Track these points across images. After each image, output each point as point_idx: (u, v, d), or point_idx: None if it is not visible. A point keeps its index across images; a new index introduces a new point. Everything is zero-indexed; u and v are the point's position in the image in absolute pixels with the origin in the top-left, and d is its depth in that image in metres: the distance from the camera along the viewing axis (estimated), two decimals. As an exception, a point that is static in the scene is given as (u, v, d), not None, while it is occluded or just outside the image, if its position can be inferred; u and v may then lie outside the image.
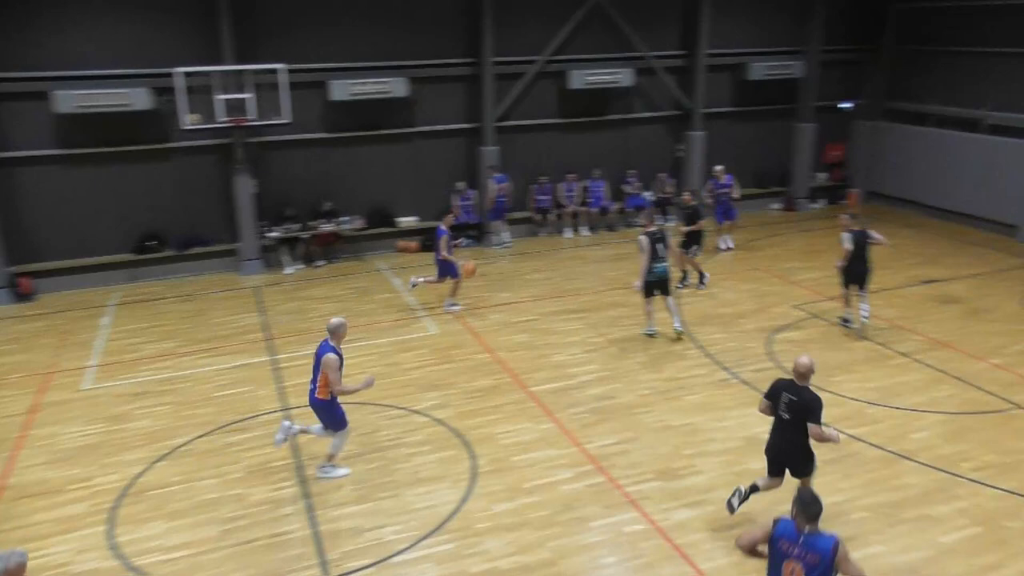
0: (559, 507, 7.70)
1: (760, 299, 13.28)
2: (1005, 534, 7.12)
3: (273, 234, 15.49)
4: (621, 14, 17.04)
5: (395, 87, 15.47)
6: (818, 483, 7.94)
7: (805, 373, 6.87)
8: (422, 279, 13.22)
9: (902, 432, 8.94)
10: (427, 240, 16.68)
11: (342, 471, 8.37)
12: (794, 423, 6.91)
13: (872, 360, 10.86)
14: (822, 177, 20.10)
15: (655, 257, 11.44)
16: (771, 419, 7.20)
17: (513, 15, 16.40)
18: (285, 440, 8.36)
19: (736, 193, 16.24)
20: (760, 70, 18.21)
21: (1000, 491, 7.78)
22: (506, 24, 16.30)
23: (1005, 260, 15.12)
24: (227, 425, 9.47)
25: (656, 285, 11.59)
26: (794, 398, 6.89)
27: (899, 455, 8.46)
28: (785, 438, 7.11)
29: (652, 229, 11.61)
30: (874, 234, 11.52)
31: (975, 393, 9.83)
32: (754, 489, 7.35)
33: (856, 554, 6.86)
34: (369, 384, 8.14)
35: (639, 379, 10.44)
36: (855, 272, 11.55)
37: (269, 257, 15.63)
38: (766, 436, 8.86)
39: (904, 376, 10.34)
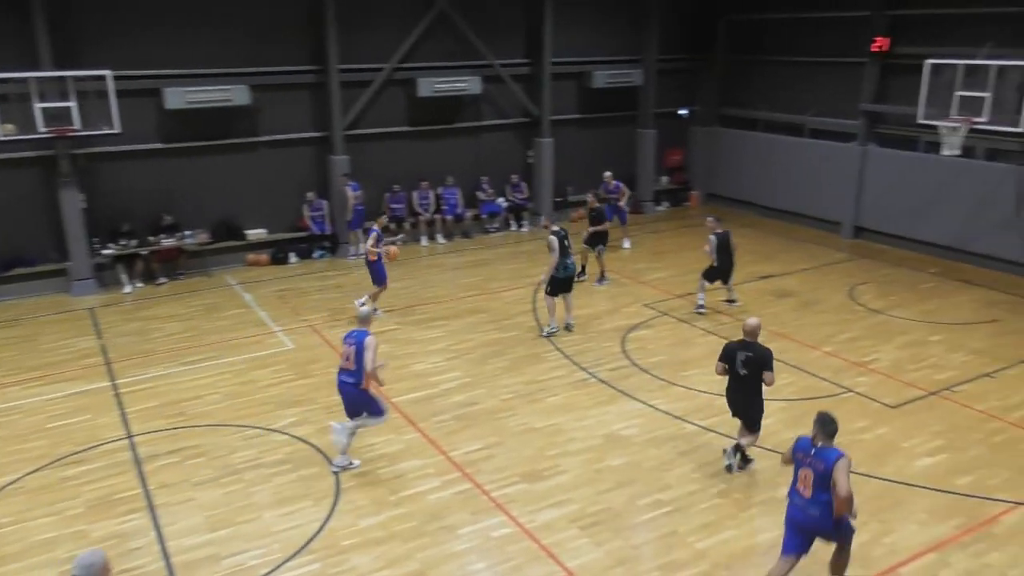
0: (427, 517, 7.62)
1: (613, 300, 13.72)
2: (842, 508, 7.67)
3: (108, 251, 14.47)
4: (467, 22, 17.17)
5: (236, 95, 14.86)
6: (674, 474, 8.30)
7: (754, 331, 7.99)
8: (365, 297, 12.94)
9: (748, 420, 9.46)
10: (279, 252, 16.14)
11: (356, 462, 8.49)
12: (751, 377, 7.85)
13: (716, 353, 11.38)
14: (664, 181, 21.07)
15: (565, 254, 11.88)
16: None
17: (358, 22, 16.18)
18: (347, 442, 8.41)
19: (623, 200, 16.90)
20: (602, 78, 18.86)
21: (836, 468, 8.37)
22: (351, 31, 16.06)
23: (831, 255, 16.38)
24: (63, 458, 8.74)
25: (565, 282, 12.04)
26: (750, 354, 7.88)
27: (746, 441, 8.94)
28: (742, 394, 8.06)
29: (556, 228, 12.06)
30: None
31: (811, 380, 10.56)
32: (738, 448, 8.24)
33: (711, 540, 7.23)
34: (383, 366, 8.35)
35: (501, 384, 10.52)
36: (722, 269, 12.66)
37: (104, 276, 14.59)
38: (624, 433, 9.19)
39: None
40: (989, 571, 6.79)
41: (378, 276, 12.78)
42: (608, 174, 17.13)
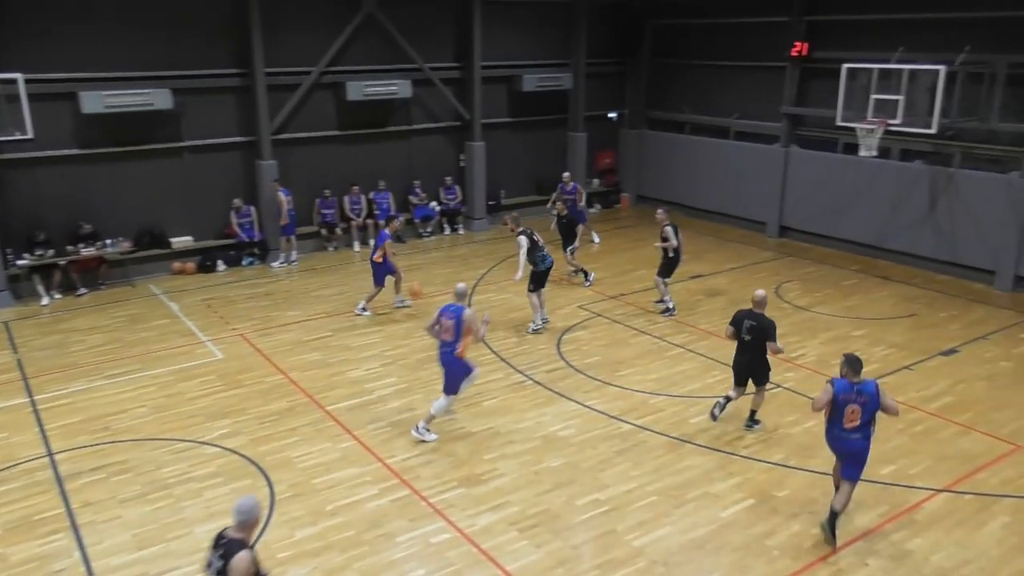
0: (365, 525, 7.52)
1: (548, 302, 13.74)
2: (775, 503, 7.88)
3: (23, 262, 13.86)
4: (395, 25, 17.05)
5: (158, 99, 14.43)
6: (610, 473, 8.39)
7: (762, 302, 8.96)
8: (362, 303, 13.23)
9: (682, 418, 9.63)
10: (206, 260, 15.72)
11: (433, 436, 9.03)
12: (754, 343, 8.80)
13: (652, 353, 11.63)
14: (596, 183, 21.30)
15: (539, 249, 12.25)
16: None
17: (283, 24, 15.90)
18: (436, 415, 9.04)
19: (581, 200, 17.11)
20: (532, 82, 18.97)
21: (768, 464, 8.60)
22: (277, 33, 15.78)
23: (758, 254, 16.81)
24: (-23, 480, 8.33)
25: (546, 275, 12.34)
26: (754, 323, 8.87)
27: (681, 440, 9.10)
28: (747, 356, 9.03)
29: (523, 228, 12.36)
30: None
31: (741, 375, 10.80)
32: (728, 399, 9.30)
33: (648, 537, 7.33)
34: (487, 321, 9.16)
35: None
36: (678, 261, 12.83)
37: (19, 288, 13.98)
38: (562, 434, 9.25)
39: (681, 366, 11.16)
40: (913, 556, 7.04)
41: (379, 277, 13.07)
42: (567, 175, 17.40)
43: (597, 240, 17.68)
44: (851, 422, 7.07)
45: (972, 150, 14.75)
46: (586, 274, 14.71)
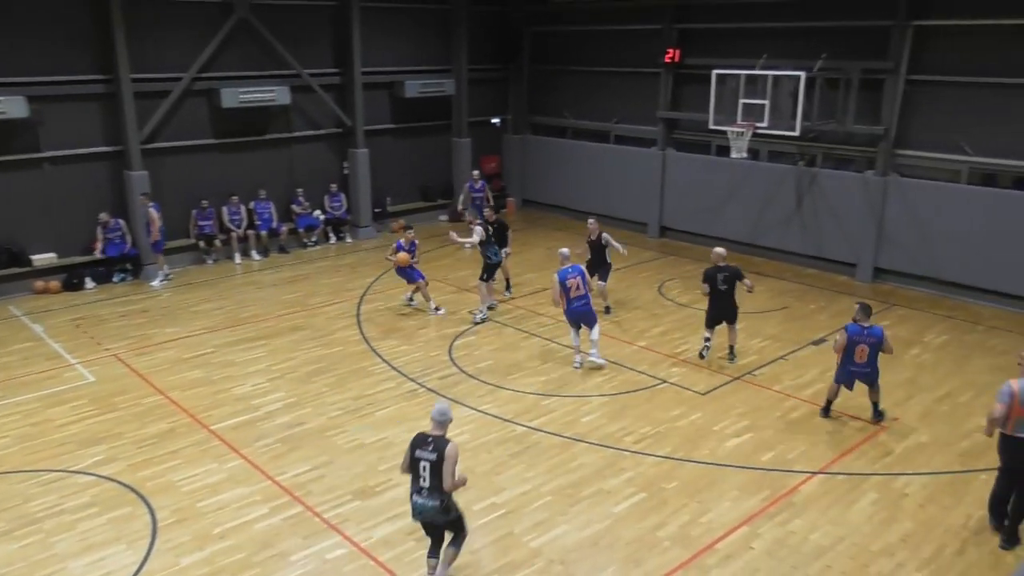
0: (256, 547, 7.27)
1: (443, 306, 13.73)
2: (665, 495, 8.12)
3: None
4: (270, 30, 16.62)
5: (11, 107, 13.53)
6: (506, 476, 8.43)
7: (722, 255, 11.10)
8: (408, 294, 13.77)
9: (574, 418, 9.79)
10: (72, 278, 14.81)
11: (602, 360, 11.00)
12: (729, 290, 10.67)
13: (542, 355, 11.77)
14: (482, 188, 21.38)
15: (492, 245, 13.09)
16: None
17: (150, 28, 15.22)
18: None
19: (488, 198, 17.49)
20: (415, 88, 18.88)
21: (658, 458, 8.86)
22: (143, 37, 15.09)
23: (640, 254, 17.28)
24: None
25: (497, 267, 13.28)
26: (726, 273, 10.93)
27: (573, 439, 9.25)
28: (723, 303, 11.10)
29: (480, 221, 13.44)
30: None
31: (629, 374, 11.10)
32: (708, 340, 11.34)
33: (545, 537, 7.40)
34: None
35: (327, 401, 10.25)
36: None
37: None
38: (457, 440, 9.20)
39: (570, 366, 11.34)
40: (793, 537, 7.41)
41: (413, 276, 13.41)
42: (476, 173, 17.66)
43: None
44: (860, 359, 9.08)
45: (832, 151, 15.71)
46: (508, 284, 14.67)
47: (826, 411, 9.79)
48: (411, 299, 13.84)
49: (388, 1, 18.54)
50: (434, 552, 6.65)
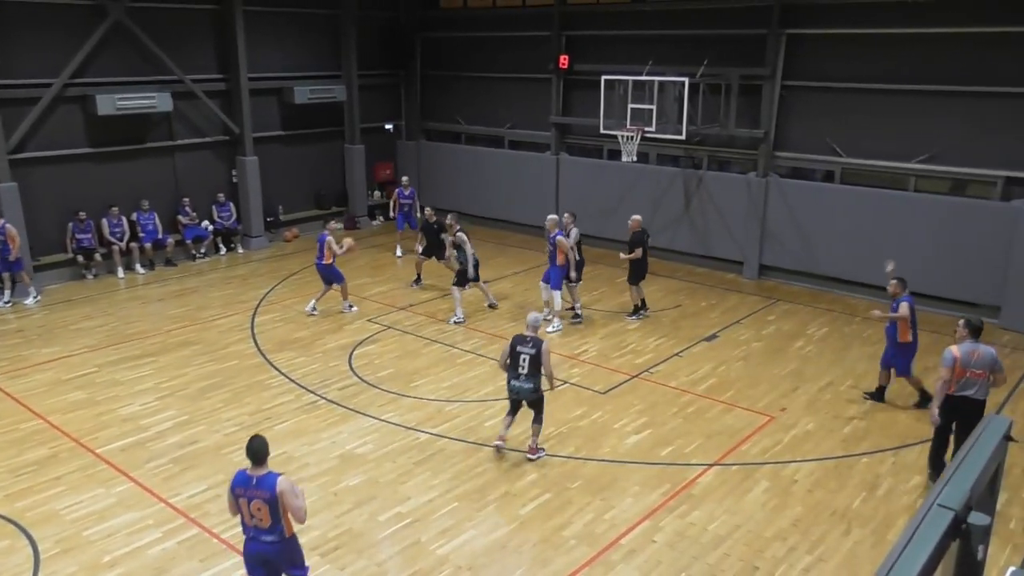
0: (150, 573, 6.95)
1: (336, 318, 13.50)
2: (569, 495, 8.24)
3: None
4: (149, 34, 15.92)
5: None
6: (411, 484, 8.36)
7: (640, 220, 13.13)
8: (313, 301, 13.51)
9: (477, 422, 9.81)
10: (-66, 298, 13.76)
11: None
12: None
13: (444, 361, 11.74)
14: (377, 195, 21.17)
15: (461, 251, 13.36)
16: None
17: (15, 30, 14.34)
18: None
19: (417, 205, 17.70)
20: (304, 94, 18.49)
21: (561, 458, 8.98)
22: (7, 41, 14.20)
23: (538, 258, 17.40)
24: None
25: (472, 272, 13.42)
26: (648, 237, 13.20)
27: (477, 444, 9.27)
28: (647, 262, 13.07)
29: (460, 226, 13.62)
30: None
31: (530, 376, 11.19)
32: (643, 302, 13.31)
33: (452, 544, 7.39)
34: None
35: (223, 417, 9.90)
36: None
37: None
38: (359, 451, 9.10)
39: (472, 371, 11.36)
40: (693, 528, 7.66)
41: (330, 277, 13.42)
42: (405, 179, 17.78)
43: (401, 254, 17.66)
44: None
45: (716, 153, 16.35)
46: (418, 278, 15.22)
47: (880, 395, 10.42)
48: (315, 309, 13.54)
49: (273, 5, 18.10)
50: (512, 412, 8.93)
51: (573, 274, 12.92)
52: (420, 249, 15.54)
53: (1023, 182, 12.89)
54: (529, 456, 8.82)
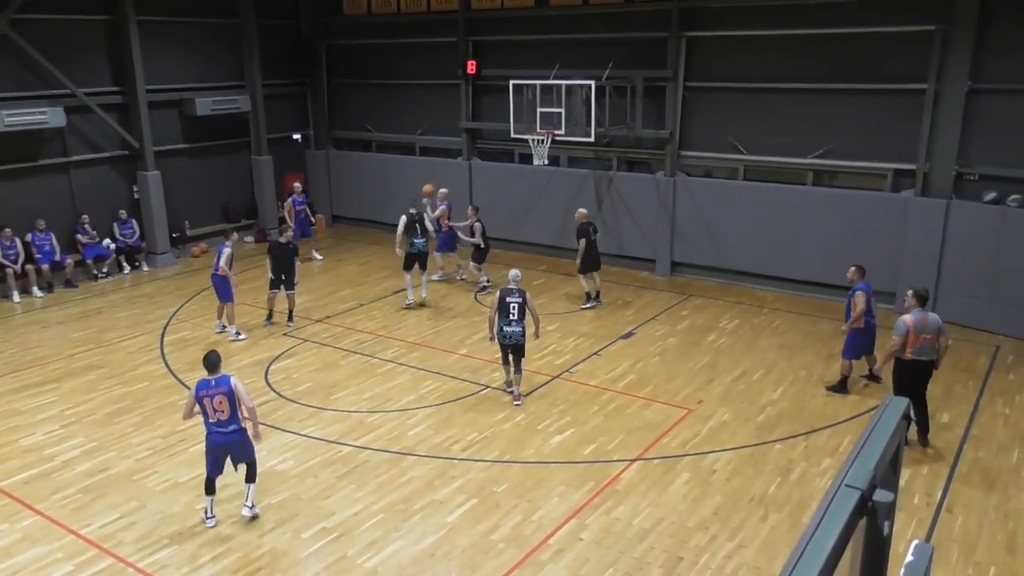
0: (61, 612, 6.63)
1: (250, 333, 13.15)
2: (496, 498, 8.26)
3: None
4: (36, 47, 15.19)
5: None
6: (335, 498, 8.24)
7: (584, 213, 14.08)
8: (232, 327, 13.01)
9: (400, 432, 9.73)
10: None
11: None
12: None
13: (363, 372, 11.60)
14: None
15: (411, 232, 13.96)
16: None
17: None
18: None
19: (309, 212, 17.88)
20: (207, 105, 17.95)
21: (486, 462, 8.99)
22: None
23: (455, 263, 17.43)
24: None
25: (412, 257, 14.08)
26: (593, 226, 13.97)
27: (401, 453, 9.20)
28: (597, 251, 14.03)
29: (413, 211, 14.16)
30: None
31: (452, 382, 11.18)
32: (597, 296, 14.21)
33: (380, 556, 7.31)
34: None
35: (134, 442, 9.53)
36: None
37: None
38: (280, 468, 8.90)
39: (393, 381, 11.26)
40: (619, 523, 7.79)
41: (225, 293, 12.84)
42: (297, 186, 17.67)
43: (319, 258, 17.79)
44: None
45: (625, 154, 16.69)
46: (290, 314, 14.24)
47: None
48: (224, 327, 13.16)
49: (169, 15, 17.53)
50: (506, 361, 10.55)
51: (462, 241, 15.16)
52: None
53: (911, 174, 13.62)
54: (516, 402, 10.38)
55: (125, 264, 17.00)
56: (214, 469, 7.72)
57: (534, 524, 7.79)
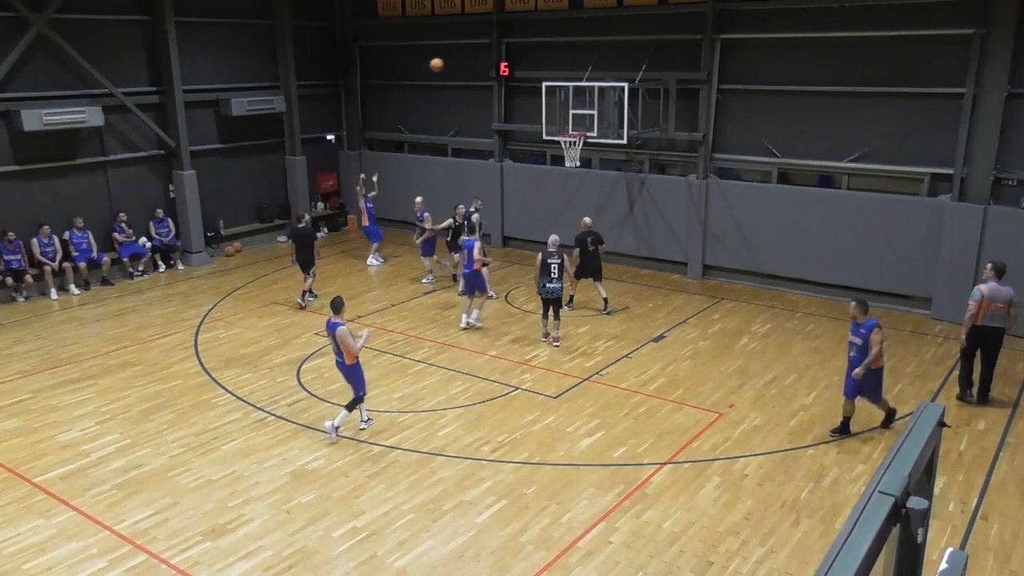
0: (96, 605, 6.74)
1: (281, 332, 13.31)
2: (525, 500, 8.25)
3: None
4: (76, 47, 15.49)
5: None
6: (365, 498, 8.29)
7: (590, 223, 13.81)
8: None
9: (430, 432, 9.76)
10: None
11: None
12: (595, 251, 13.03)
13: (395, 372, 11.66)
14: (320, 207, 20.96)
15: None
16: None
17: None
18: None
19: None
20: (242, 106, 18.18)
21: (515, 464, 8.99)
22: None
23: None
24: None
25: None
26: (592, 237, 13.54)
27: (431, 454, 9.23)
28: (591, 263, 13.69)
29: (474, 212, 15.18)
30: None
31: (482, 384, 11.20)
32: (572, 296, 14.21)
33: (409, 556, 7.34)
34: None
35: (168, 439, 9.66)
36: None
37: None
38: (311, 467, 8.99)
39: (423, 381, 11.31)
40: (648, 527, 7.74)
41: (482, 284, 13.50)
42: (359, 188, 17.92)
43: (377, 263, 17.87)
44: (853, 351, 9.19)
45: (657, 157, 16.60)
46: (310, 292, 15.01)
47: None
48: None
49: (207, 16, 17.79)
50: (546, 315, 12.48)
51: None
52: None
53: (948, 178, 13.39)
54: (555, 344, 12.38)
55: (160, 263, 17.27)
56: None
57: (563, 526, 7.77)
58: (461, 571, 7.16)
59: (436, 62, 14.59)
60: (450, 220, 15.45)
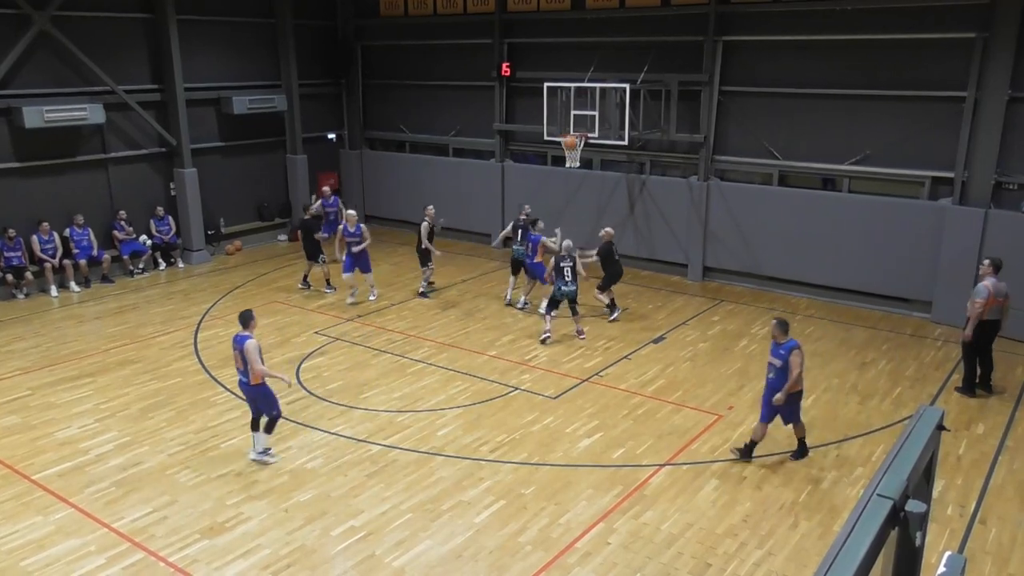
0: (94, 602, 6.74)
1: (281, 331, 13.31)
2: (524, 501, 8.25)
3: None
4: (77, 44, 15.49)
5: None
6: (363, 497, 8.29)
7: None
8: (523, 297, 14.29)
9: (429, 432, 9.76)
10: None
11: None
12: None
13: (394, 371, 11.66)
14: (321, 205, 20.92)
15: (515, 241, 14.61)
16: None
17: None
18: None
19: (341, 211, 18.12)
20: (243, 104, 18.17)
21: (514, 464, 8.99)
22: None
23: (485, 265, 17.51)
24: None
25: (519, 263, 14.64)
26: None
27: (429, 453, 9.22)
28: (617, 268, 13.78)
29: (522, 218, 14.72)
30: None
31: (481, 383, 11.19)
32: (612, 301, 13.90)
33: (408, 556, 7.34)
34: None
35: (167, 437, 9.66)
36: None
37: None
38: (309, 466, 8.98)
39: (423, 381, 11.31)
40: (647, 528, 7.74)
41: (539, 275, 14.06)
42: (326, 189, 17.63)
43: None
44: (771, 372, 8.76)
45: (658, 158, 16.59)
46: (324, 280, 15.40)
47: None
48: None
49: (208, 14, 17.80)
50: (550, 310, 12.90)
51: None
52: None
53: (948, 182, 13.38)
54: (580, 337, 12.83)
55: (161, 260, 17.27)
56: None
57: (562, 527, 7.76)
58: (459, 571, 7.15)
59: (570, 139, 15.05)
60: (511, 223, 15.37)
